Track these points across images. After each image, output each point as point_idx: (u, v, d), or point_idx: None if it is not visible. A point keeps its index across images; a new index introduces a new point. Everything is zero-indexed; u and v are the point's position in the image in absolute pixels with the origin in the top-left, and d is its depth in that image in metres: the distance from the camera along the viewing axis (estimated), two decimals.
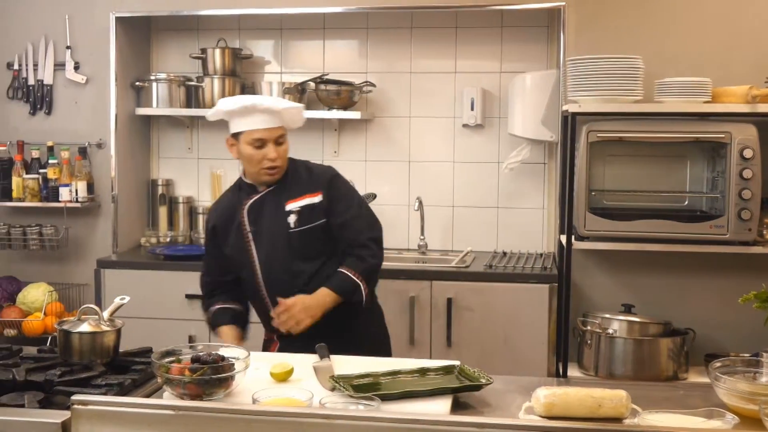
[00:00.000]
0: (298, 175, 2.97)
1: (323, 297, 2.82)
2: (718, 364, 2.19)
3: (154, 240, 4.46)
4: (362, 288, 2.86)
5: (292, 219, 2.88)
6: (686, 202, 3.79)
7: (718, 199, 3.58)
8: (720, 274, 3.84)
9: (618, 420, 1.99)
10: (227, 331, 2.96)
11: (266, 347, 2.99)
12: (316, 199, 2.90)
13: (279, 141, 2.89)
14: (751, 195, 3.46)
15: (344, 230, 2.92)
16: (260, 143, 2.86)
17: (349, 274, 2.86)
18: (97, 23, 4.29)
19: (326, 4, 4.15)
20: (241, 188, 3.01)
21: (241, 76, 4.47)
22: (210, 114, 3.00)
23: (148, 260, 4.15)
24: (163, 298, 3.99)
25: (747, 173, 3.46)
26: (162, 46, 4.63)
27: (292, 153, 4.47)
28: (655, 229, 3.57)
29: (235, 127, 2.90)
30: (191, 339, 3.87)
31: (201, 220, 4.55)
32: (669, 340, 3.57)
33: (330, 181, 2.96)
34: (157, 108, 4.43)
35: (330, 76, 4.34)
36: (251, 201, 2.94)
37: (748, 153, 3.45)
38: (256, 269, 2.92)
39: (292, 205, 2.90)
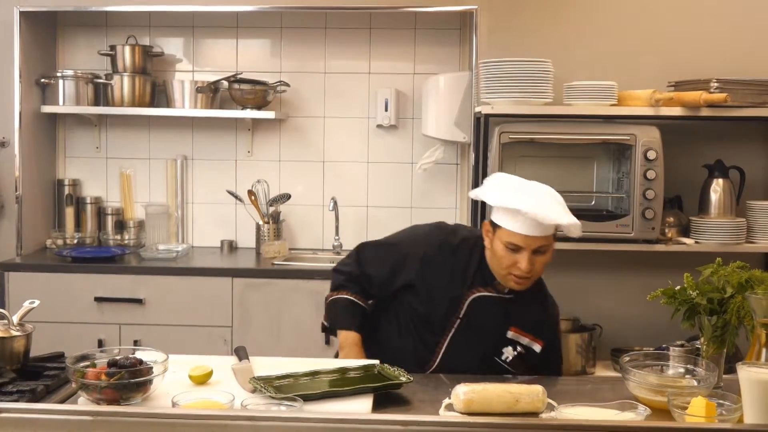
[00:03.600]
0: (534, 301, 2.64)
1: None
2: (628, 358, 2.27)
3: (60, 242, 4.32)
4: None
5: (508, 354, 2.60)
6: (593, 202, 3.91)
7: (624, 199, 3.71)
8: (625, 271, 3.98)
9: (535, 414, 2.05)
10: (353, 341, 2.62)
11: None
12: (537, 347, 2.62)
13: (540, 250, 2.50)
14: (654, 195, 3.60)
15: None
16: (515, 248, 2.49)
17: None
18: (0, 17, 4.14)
19: (239, 2, 4.10)
20: (477, 267, 2.62)
21: (152, 74, 4.38)
22: (472, 193, 2.65)
23: (54, 262, 4.02)
24: (72, 302, 3.87)
25: (651, 174, 3.59)
26: (69, 42, 4.49)
27: (203, 152, 4.51)
28: None
29: (495, 217, 2.54)
30: (101, 343, 3.79)
31: (110, 221, 4.44)
32: (577, 335, 3.68)
33: (555, 332, 2.70)
34: (63, 106, 4.29)
35: (243, 76, 4.30)
36: (480, 294, 2.61)
37: (651, 154, 3.59)
38: (438, 350, 2.61)
39: (515, 337, 2.61)
